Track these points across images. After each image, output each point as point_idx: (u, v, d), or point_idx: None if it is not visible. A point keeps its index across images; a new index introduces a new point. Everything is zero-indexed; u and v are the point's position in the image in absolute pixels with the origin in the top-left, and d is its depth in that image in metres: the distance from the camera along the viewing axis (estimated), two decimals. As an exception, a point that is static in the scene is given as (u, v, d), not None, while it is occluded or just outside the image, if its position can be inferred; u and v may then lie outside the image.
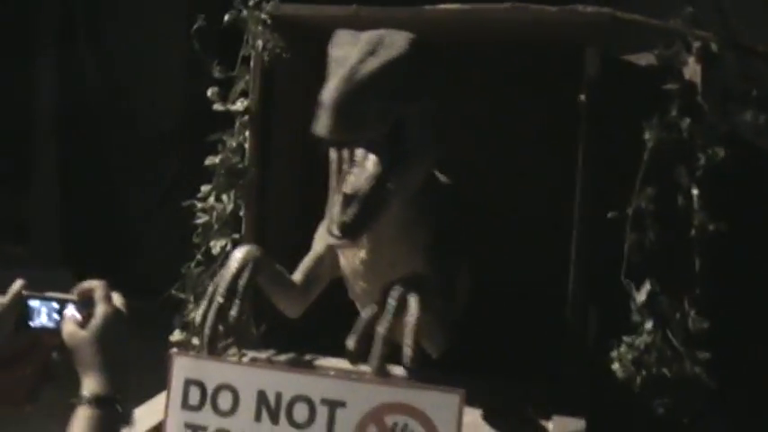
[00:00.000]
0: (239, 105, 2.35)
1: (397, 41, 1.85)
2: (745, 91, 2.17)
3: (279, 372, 1.85)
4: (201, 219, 2.37)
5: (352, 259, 2.10)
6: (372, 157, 1.83)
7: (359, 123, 1.74)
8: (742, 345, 2.24)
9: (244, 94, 2.37)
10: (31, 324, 1.61)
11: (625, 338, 2.20)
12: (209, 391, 1.83)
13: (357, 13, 2.25)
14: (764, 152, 2.29)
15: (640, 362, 2.19)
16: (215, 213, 2.35)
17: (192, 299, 2.50)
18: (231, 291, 2.02)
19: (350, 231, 1.81)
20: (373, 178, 1.82)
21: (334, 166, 1.92)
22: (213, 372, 1.84)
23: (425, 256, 2.05)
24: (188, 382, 1.83)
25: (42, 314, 1.60)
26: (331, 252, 2.17)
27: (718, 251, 2.14)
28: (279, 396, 1.79)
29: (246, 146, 2.38)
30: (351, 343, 1.86)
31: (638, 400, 2.15)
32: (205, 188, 2.41)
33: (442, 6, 2.27)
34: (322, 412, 1.76)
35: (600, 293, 2.23)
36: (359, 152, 1.86)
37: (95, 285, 1.58)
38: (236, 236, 2.40)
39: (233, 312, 1.99)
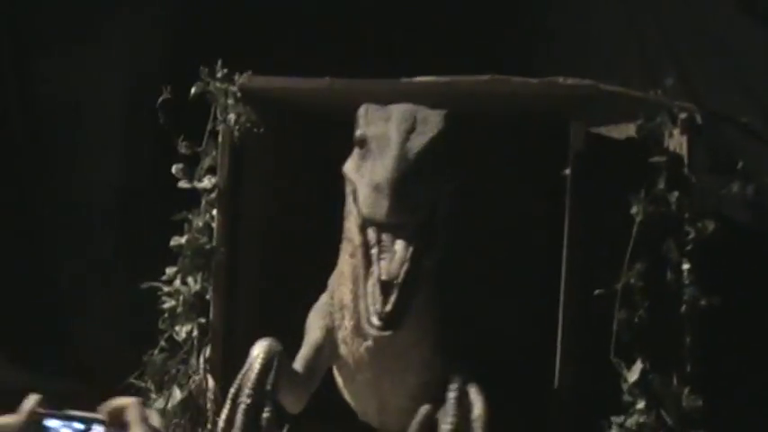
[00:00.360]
0: (206, 183, 2.27)
1: (432, 118, 1.91)
2: (731, 162, 2.12)
3: None
4: (168, 303, 2.25)
5: (356, 348, 2.08)
6: (400, 241, 1.81)
7: (415, 205, 1.77)
8: (735, 420, 2.14)
9: (211, 170, 2.27)
10: None
11: (614, 419, 2.12)
12: None
13: (331, 86, 2.21)
14: (753, 224, 2.25)
15: (634, 442, 2.11)
16: (181, 297, 2.21)
17: (153, 387, 2.36)
18: (257, 391, 1.96)
19: (393, 321, 1.79)
20: (407, 263, 1.80)
21: (360, 251, 1.88)
22: None
23: (434, 344, 2.04)
24: None
25: None
26: (330, 340, 2.16)
27: (710, 327, 2.08)
28: None
29: (214, 225, 2.28)
30: None
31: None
32: (170, 270, 2.33)
33: (419, 79, 2.26)
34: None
35: (587, 373, 2.14)
36: (385, 235, 1.83)
37: (128, 404, 1.41)
38: (203, 320, 2.29)
39: (265, 415, 1.94)
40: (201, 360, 2.34)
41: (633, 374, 2.20)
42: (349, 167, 1.93)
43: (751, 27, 2.57)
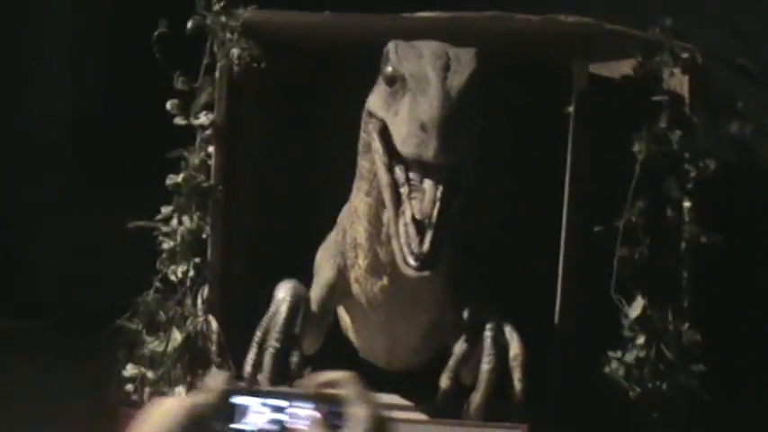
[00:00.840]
0: (203, 119, 2.22)
1: (464, 55, 1.88)
2: (730, 102, 2.17)
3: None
4: (166, 243, 2.21)
5: (370, 287, 2.08)
6: (428, 180, 1.79)
7: (461, 146, 1.74)
8: (733, 357, 2.22)
9: (207, 106, 2.23)
10: (236, 427, 1.29)
11: (611, 354, 2.19)
12: None
13: (335, 21, 2.15)
14: (752, 163, 2.31)
15: (632, 377, 2.17)
16: (178, 237, 2.18)
17: (144, 330, 2.34)
18: (285, 335, 1.95)
19: (430, 261, 1.77)
20: (438, 202, 1.78)
21: (389, 190, 1.85)
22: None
23: (446, 283, 2.05)
24: None
25: (253, 414, 1.28)
26: (342, 279, 2.16)
27: (710, 263, 2.15)
28: None
29: (210, 162, 2.23)
30: (446, 382, 1.89)
31: (633, 415, 2.13)
32: (165, 209, 2.26)
33: (422, 14, 2.24)
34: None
35: (587, 308, 2.20)
36: (413, 174, 1.81)
37: (342, 379, 1.28)
38: (197, 260, 2.26)
39: (294, 359, 1.94)
40: (199, 301, 2.34)
41: (634, 310, 2.27)
42: (375, 104, 1.90)
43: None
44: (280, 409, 1.27)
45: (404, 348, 2.20)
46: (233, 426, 1.27)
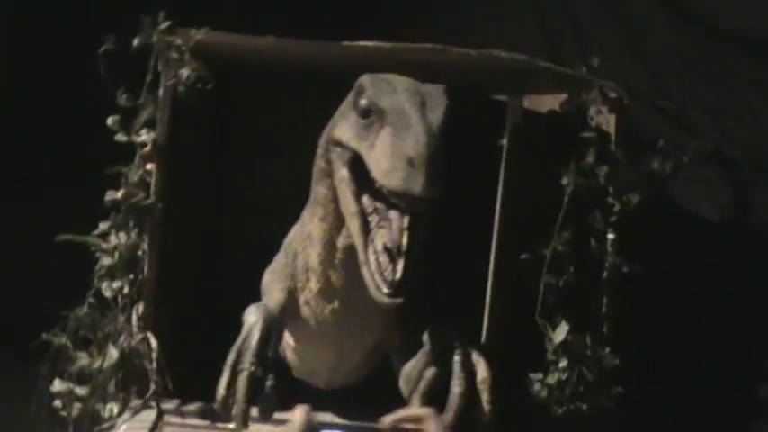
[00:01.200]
0: (145, 137, 2.24)
1: (434, 92, 1.95)
2: (652, 140, 2.33)
3: None
4: (104, 259, 2.22)
5: (321, 310, 2.16)
6: (393, 211, 1.87)
7: (443, 181, 1.80)
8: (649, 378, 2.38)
9: (148, 124, 2.25)
10: None
11: (533, 375, 2.31)
12: None
13: (281, 46, 2.23)
14: (670, 198, 2.48)
15: (554, 397, 2.30)
16: (116, 253, 2.20)
17: (72, 345, 2.34)
18: (259, 358, 1.98)
19: (402, 289, 1.85)
20: (407, 230, 1.87)
21: (358, 219, 1.92)
22: None
23: (394, 313, 2.13)
24: None
25: None
26: (291, 302, 2.21)
27: (628, 292, 2.30)
28: None
29: (149, 180, 2.27)
30: (416, 404, 1.92)
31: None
32: (103, 225, 2.27)
33: (363, 43, 2.31)
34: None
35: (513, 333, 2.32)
36: (379, 204, 1.90)
37: (424, 414, 1.37)
38: (132, 276, 2.28)
39: (269, 382, 1.98)
40: (134, 317, 2.35)
41: (558, 335, 2.40)
42: (344, 135, 1.95)
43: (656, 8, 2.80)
44: None
45: (347, 368, 2.28)
46: None
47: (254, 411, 1.98)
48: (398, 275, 1.82)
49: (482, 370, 2.01)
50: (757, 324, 2.61)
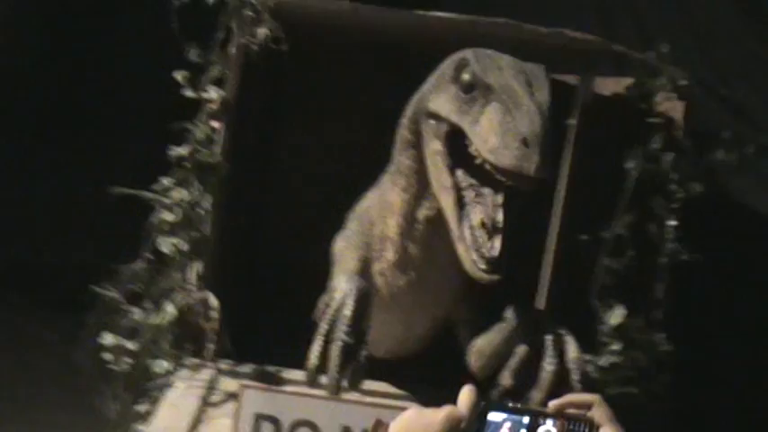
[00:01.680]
0: (213, 94, 2.23)
1: (537, 71, 1.95)
2: (718, 131, 2.34)
3: (365, 406, 1.80)
4: (166, 215, 2.22)
5: (395, 281, 2.17)
6: (487, 187, 1.89)
7: (552, 161, 1.82)
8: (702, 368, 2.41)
9: (216, 81, 2.25)
10: None
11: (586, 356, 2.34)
12: (285, 428, 1.73)
13: (358, 11, 2.23)
14: (727, 190, 2.50)
15: (605, 379, 2.33)
16: (180, 210, 2.21)
17: (124, 299, 2.35)
18: (354, 329, 1.97)
19: (500, 266, 1.86)
20: (502, 207, 1.88)
21: (452, 194, 1.93)
22: (289, 406, 1.81)
23: (463, 282, 2.14)
24: (259, 418, 1.74)
25: (501, 429, 1.30)
26: (365, 271, 2.21)
27: (687, 280, 2.32)
28: None
29: (215, 137, 2.27)
30: (508, 380, 1.98)
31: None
32: (166, 180, 2.28)
33: (439, 14, 2.31)
34: (412, 445, 1.72)
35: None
36: (473, 180, 1.91)
37: (592, 400, 1.31)
38: (195, 234, 2.28)
39: (364, 353, 1.98)
40: (192, 275, 2.36)
41: (614, 318, 2.43)
42: (443, 107, 1.94)
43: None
44: (528, 426, 1.29)
45: (413, 338, 2.30)
46: None
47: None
48: (496, 252, 1.83)
49: (572, 350, 2.03)
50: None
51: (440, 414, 1.22)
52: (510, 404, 1.26)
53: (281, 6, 2.29)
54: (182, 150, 2.35)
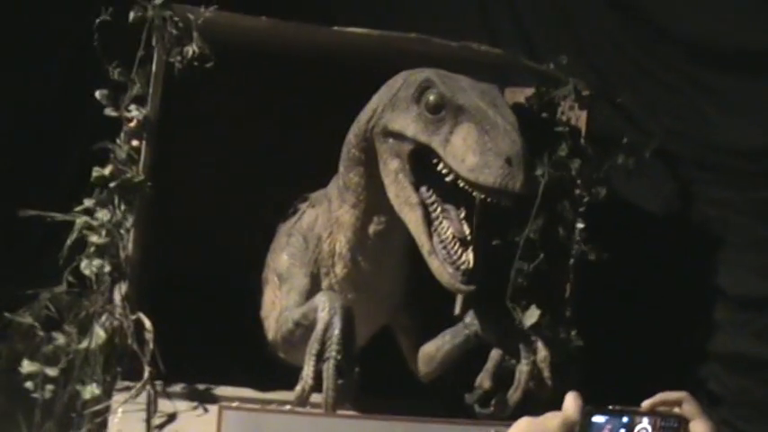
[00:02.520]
0: (135, 112, 2.23)
1: (494, 91, 2.10)
2: (617, 137, 2.53)
3: (346, 420, 1.86)
4: (91, 237, 2.20)
5: (344, 295, 2.25)
6: (448, 203, 2.04)
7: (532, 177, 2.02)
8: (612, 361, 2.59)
9: (137, 99, 2.25)
10: None
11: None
12: None
13: (272, 27, 2.32)
14: (633, 192, 2.69)
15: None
16: (103, 231, 2.20)
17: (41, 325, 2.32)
18: (345, 347, 2.06)
19: (474, 276, 1.99)
20: (466, 220, 2.03)
21: (419, 211, 2.04)
22: (271, 425, 1.83)
23: (405, 293, 2.34)
24: None
25: (604, 430, 1.40)
26: (315, 286, 2.32)
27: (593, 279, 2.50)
28: None
29: (137, 157, 2.28)
30: (487, 382, 2.12)
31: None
32: (88, 201, 2.24)
33: (353, 29, 2.40)
34: (393, 456, 1.82)
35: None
36: (437, 196, 2.04)
37: (681, 397, 1.40)
38: (119, 254, 2.29)
39: (357, 369, 2.07)
40: (118, 297, 2.33)
41: (529, 318, 2.57)
42: (410, 129, 2.04)
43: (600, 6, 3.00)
44: (626, 425, 1.38)
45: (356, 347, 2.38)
46: None
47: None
48: (470, 264, 1.97)
49: (542, 349, 2.21)
50: (698, 310, 2.89)
51: (556, 420, 1.35)
52: (610, 407, 1.38)
53: (207, 24, 2.31)
54: (104, 171, 2.36)
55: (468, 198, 2.11)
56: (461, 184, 1.98)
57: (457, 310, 2.60)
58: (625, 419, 1.40)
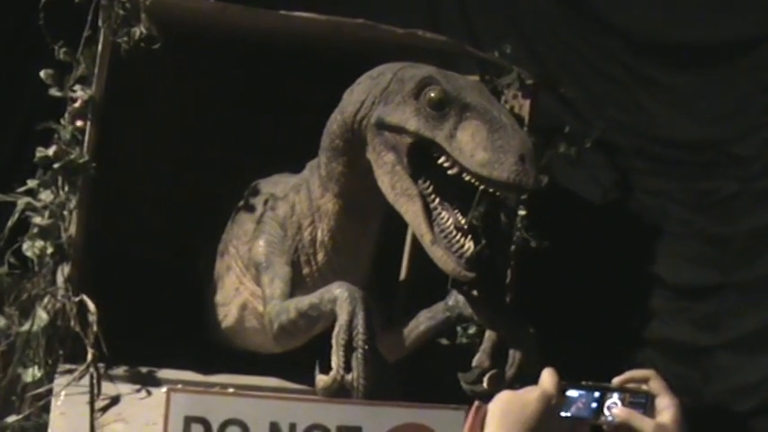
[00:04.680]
0: (80, 93, 2.29)
1: (484, 88, 2.24)
2: (559, 126, 2.65)
3: (292, 401, 1.96)
4: (35, 218, 2.26)
5: (322, 282, 2.34)
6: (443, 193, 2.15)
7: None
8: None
9: (82, 79, 2.31)
10: (563, 414, 1.54)
11: (443, 341, 2.60)
12: (215, 429, 1.87)
13: (220, 10, 2.39)
14: (574, 181, 2.82)
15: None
16: (47, 212, 2.25)
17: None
18: (370, 336, 2.13)
19: (477, 263, 2.10)
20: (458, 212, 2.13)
21: (418, 202, 2.13)
22: (218, 407, 1.92)
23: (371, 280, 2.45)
24: (189, 420, 1.85)
25: (577, 403, 1.55)
26: (296, 274, 2.40)
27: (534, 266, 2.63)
28: (293, 427, 1.94)
29: (82, 138, 2.34)
30: (485, 361, 2.21)
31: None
32: (31, 182, 2.30)
33: (302, 14, 2.48)
34: (339, 439, 1.90)
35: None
36: (432, 187, 2.14)
37: (648, 375, 1.56)
38: (62, 236, 2.36)
39: (381, 359, 2.17)
40: (60, 279, 2.38)
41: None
42: (411, 123, 2.13)
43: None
44: (597, 400, 1.53)
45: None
46: (563, 413, 1.53)
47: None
48: (471, 251, 2.10)
49: (530, 331, 2.30)
50: (636, 297, 3.04)
51: (535, 393, 1.49)
52: (583, 382, 1.54)
53: (155, 5, 2.37)
54: (48, 151, 2.41)
55: (462, 190, 2.20)
56: (467, 178, 2.09)
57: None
58: (596, 394, 1.54)
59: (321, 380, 2.18)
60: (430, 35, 2.73)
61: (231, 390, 2.31)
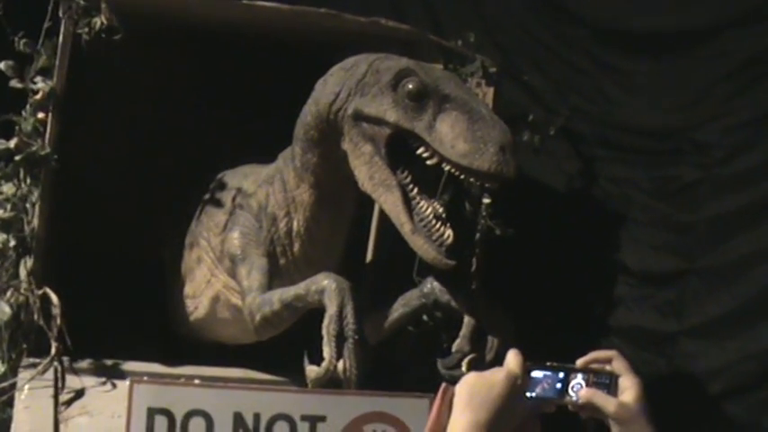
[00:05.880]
0: (41, 84, 2.31)
1: (459, 80, 2.33)
2: (523, 114, 2.70)
3: (255, 392, 1.99)
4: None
5: (299, 274, 2.40)
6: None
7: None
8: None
9: (43, 71, 2.33)
10: (528, 395, 1.62)
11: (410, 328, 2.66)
12: (179, 420, 1.88)
13: (185, 0, 2.40)
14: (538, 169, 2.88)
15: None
16: (9, 205, 2.28)
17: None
18: (359, 324, 2.18)
19: (456, 251, 2.16)
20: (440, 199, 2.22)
21: (397, 192, 2.18)
22: (182, 398, 1.94)
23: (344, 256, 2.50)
24: (152, 412, 1.87)
25: (542, 384, 1.62)
26: (273, 265, 2.44)
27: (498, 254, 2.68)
28: (257, 417, 1.95)
29: (43, 129, 2.37)
30: (466, 346, 2.24)
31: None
32: (-6, 174, 2.34)
33: (263, 3, 2.51)
34: (303, 428, 2.01)
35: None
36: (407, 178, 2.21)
37: (611, 355, 1.64)
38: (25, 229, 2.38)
39: (370, 345, 2.22)
40: (23, 272, 2.41)
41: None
42: (390, 114, 2.18)
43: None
44: (561, 380, 1.60)
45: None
46: (528, 394, 1.60)
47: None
48: (451, 239, 2.16)
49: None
50: (600, 285, 3.10)
51: (500, 374, 1.56)
52: (548, 363, 1.61)
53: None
54: (9, 143, 2.43)
55: (439, 180, 2.27)
56: (448, 168, 2.16)
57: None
58: (561, 375, 1.61)
59: (312, 371, 2.22)
60: (393, 24, 2.78)
61: (196, 381, 2.37)
